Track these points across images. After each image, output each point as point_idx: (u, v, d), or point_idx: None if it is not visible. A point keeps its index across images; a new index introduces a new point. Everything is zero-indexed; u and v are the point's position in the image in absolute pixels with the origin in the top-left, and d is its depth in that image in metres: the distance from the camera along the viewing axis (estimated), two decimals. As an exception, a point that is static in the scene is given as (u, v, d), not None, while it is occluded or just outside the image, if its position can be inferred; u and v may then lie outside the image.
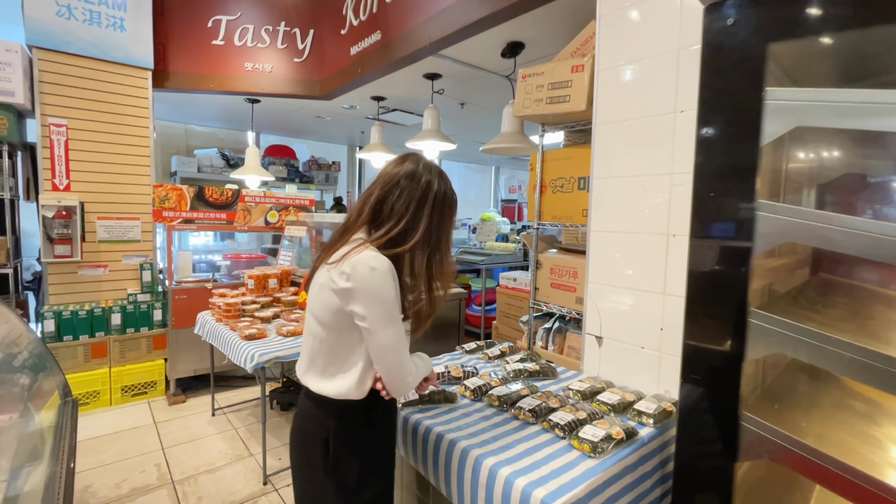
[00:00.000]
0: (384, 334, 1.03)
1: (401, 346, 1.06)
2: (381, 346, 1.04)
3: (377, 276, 1.00)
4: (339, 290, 1.02)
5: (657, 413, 1.33)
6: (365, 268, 1.00)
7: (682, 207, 1.47)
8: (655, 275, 1.55)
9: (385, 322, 1.02)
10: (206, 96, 4.06)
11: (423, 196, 1.09)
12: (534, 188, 2.24)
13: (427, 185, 1.10)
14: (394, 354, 1.05)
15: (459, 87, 3.51)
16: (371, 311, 1.01)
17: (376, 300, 1.01)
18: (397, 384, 1.09)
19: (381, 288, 1.01)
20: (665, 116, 1.51)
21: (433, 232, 1.11)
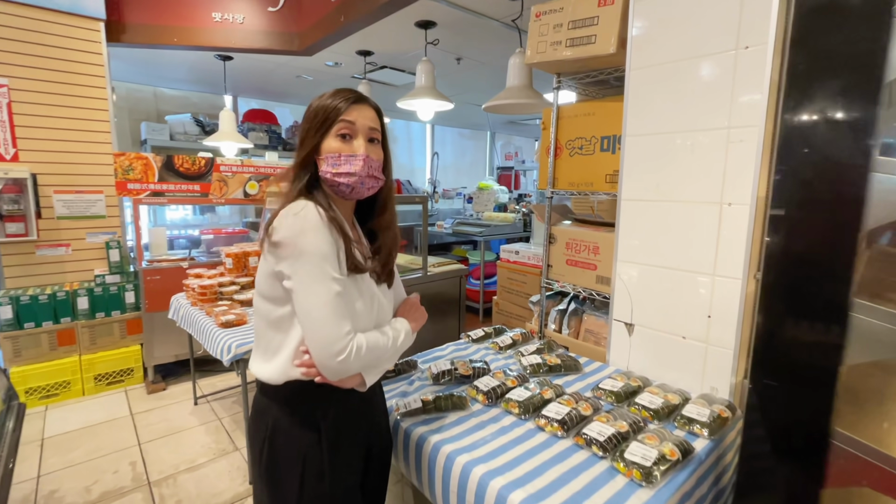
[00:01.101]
0: (307, 293, 0.86)
1: (328, 308, 0.86)
2: (302, 307, 0.87)
3: (299, 223, 0.86)
4: (269, 248, 0.89)
5: (712, 421, 1.10)
6: (288, 216, 0.87)
7: (742, 169, 1.19)
8: (704, 252, 1.29)
9: (309, 277, 0.86)
10: (171, 53, 3.63)
11: (303, 125, 0.97)
12: (547, 150, 1.95)
13: (306, 112, 0.97)
14: (318, 317, 0.86)
15: (456, 37, 3.13)
16: (295, 266, 0.86)
17: (297, 252, 0.86)
18: (324, 359, 0.87)
19: (305, 237, 0.86)
20: (723, 55, 1.21)
21: (300, 147, 0.97)
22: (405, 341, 1.03)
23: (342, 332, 0.87)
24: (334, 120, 0.93)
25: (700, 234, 1.29)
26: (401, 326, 1.03)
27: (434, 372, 1.37)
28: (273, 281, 0.90)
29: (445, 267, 2.88)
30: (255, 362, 0.98)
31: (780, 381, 0.94)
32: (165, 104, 4.97)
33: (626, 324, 1.50)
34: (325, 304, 0.86)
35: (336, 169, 0.93)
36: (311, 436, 0.93)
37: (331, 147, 0.93)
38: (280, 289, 0.89)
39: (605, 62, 1.60)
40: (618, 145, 1.68)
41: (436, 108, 2.92)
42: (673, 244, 1.36)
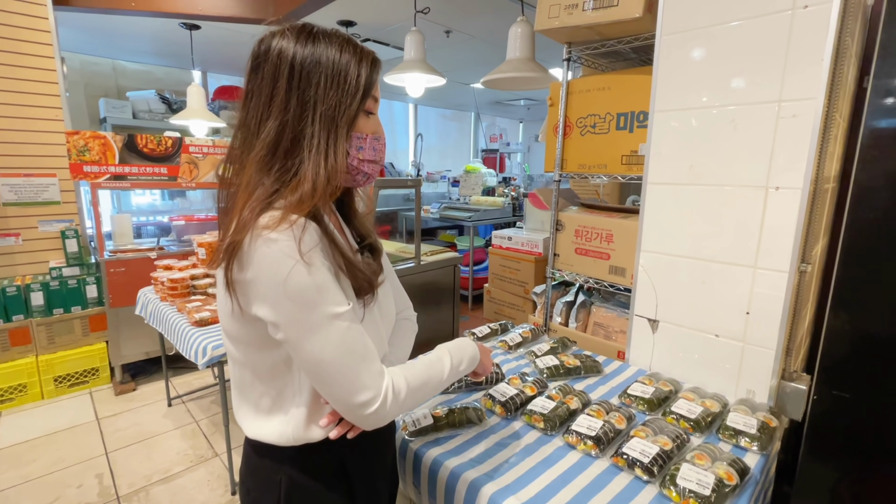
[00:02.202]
0: (310, 346, 0.63)
1: (341, 356, 0.64)
2: (308, 364, 0.65)
3: (280, 254, 0.60)
4: (235, 284, 0.63)
5: (761, 433, 0.98)
6: (263, 244, 0.60)
7: (794, 148, 1.05)
8: (744, 242, 1.15)
9: (306, 326, 0.62)
10: (130, 20, 3.28)
11: (272, 77, 0.65)
12: (555, 129, 1.78)
13: (271, 56, 0.65)
14: (333, 372, 0.64)
15: (448, 6, 2.90)
16: (282, 313, 0.62)
17: (284, 293, 0.61)
18: (353, 417, 0.67)
19: (292, 274, 0.60)
20: (775, 16, 1.05)
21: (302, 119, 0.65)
22: (466, 367, 0.83)
23: (370, 378, 0.65)
24: (368, 93, 0.69)
25: (740, 221, 1.15)
26: (464, 350, 0.83)
27: (442, 379, 1.22)
28: (249, 325, 0.66)
29: (438, 255, 2.71)
30: (247, 419, 0.74)
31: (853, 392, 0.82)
32: (126, 79, 4.56)
33: (649, 320, 1.37)
34: (338, 353, 0.63)
35: (362, 155, 0.72)
36: (341, 486, 0.76)
37: (360, 127, 0.71)
38: (261, 332, 0.66)
39: (628, 29, 1.43)
40: (636, 123, 1.53)
41: (427, 84, 2.70)
42: (707, 233, 1.22)
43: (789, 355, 1.15)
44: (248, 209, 0.62)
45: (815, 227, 1.10)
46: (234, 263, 0.61)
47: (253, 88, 0.67)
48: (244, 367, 0.72)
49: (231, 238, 0.61)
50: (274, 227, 0.60)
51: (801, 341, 1.27)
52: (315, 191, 0.63)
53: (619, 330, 1.72)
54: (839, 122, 1.16)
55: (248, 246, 0.60)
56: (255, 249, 0.60)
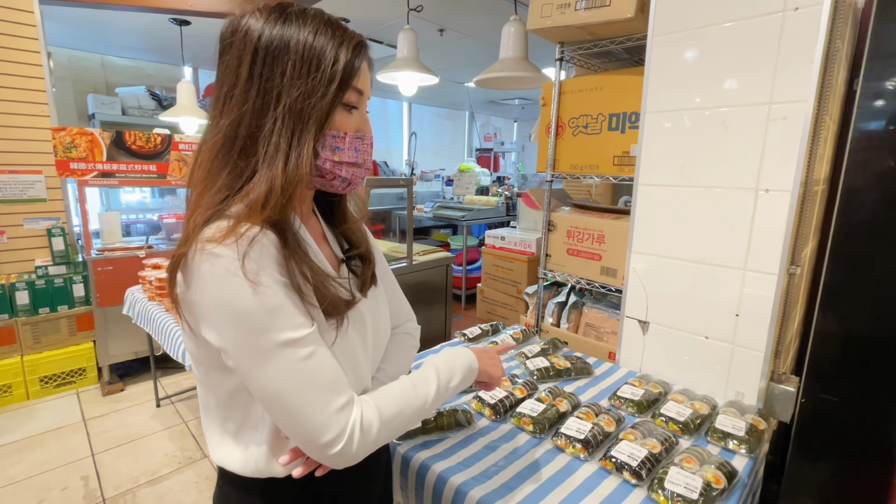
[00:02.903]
0: (260, 376, 0.54)
1: (298, 388, 0.55)
2: (262, 395, 0.56)
3: (219, 270, 0.52)
4: (180, 302, 0.56)
5: (749, 435, 0.98)
6: (204, 260, 0.52)
7: (783, 151, 1.05)
8: (733, 244, 1.15)
9: (255, 353, 0.54)
10: (119, 15, 3.23)
11: (236, 64, 0.57)
12: (547, 129, 1.77)
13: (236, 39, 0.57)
14: (290, 405, 0.55)
15: (441, 4, 2.88)
16: (228, 337, 0.54)
17: (228, 316, 0.53)
18: (316, 455, 0.57)
19: (232, 292, 0.52)
20: (766, 18, 1.05)
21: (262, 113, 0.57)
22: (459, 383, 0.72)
23: (332, 414, 0.55)
24: (348, 83, 0.59)
25: (730, 223, 1.15)
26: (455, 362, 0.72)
27: (431, 381, 1.21)
28: (203, 346, 0.58)
29: (431, 255, 2.70)
30: (212, 443, 0.67)
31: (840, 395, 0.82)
32: (116, 75, 4.50)
33: (640, 321, 1.36)
34: (292, 386, 0.54)
35: (338, 156, 0.61)
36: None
37: (337, 123, 0.61)
38: (216, 354, 0.58)
39: (620, 29, 1.42)
40: (628, 124, 1.53)
41: (420, 83, 2.69)
42: (697, 234, 1.22)
43: (778, 357, 1.15)
44: (196, 216, 0.55)
45: (804, 229, 1.10)
46: (179, 280, 0.54)
47: (217, 77, 0.59)
48: (207, 388, 0.65)
49: (176, 251, 0.54)
50: (219, 239, 0.52)
51: (790, 343, 1.28)
52: (268, 199, 0.55)
53: (610, 331, 1.72)
54: (829, 125, 1.16)
55: (191, 261, 0.53)
56: (198, 266, 0.52)
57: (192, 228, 0.54)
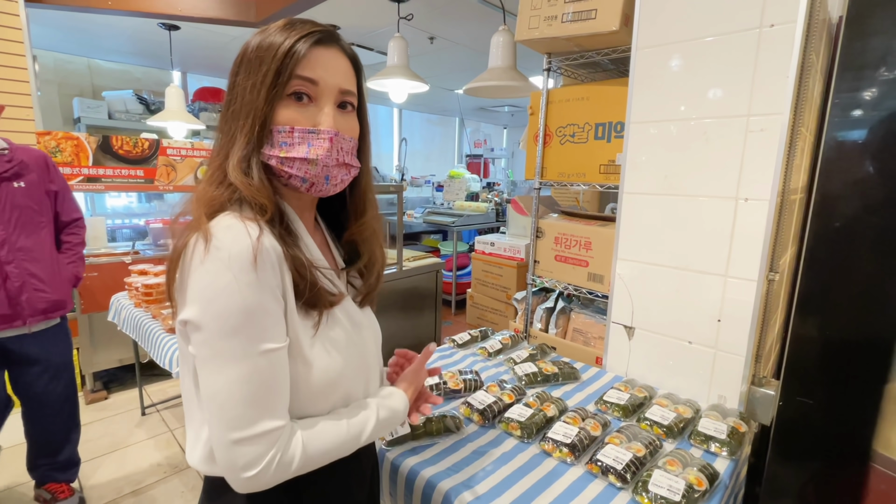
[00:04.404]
0: (212, 369, 0.55)
1: (239, 393, 0.54)
2: (209, 391, 0.56)
3: (219, 262, 0.53)
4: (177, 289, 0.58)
5: (730, 438, 1.01)
6: (196, 251, 0.54)
7: (762, 161, 1.09)
8: (715, 251, 1.18)
9: (219, 349, 0.54)
10: (106, 19, 3.21)
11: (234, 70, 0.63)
12: (535, 138, 1.80)
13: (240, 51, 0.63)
14: (228, 409, 0.55)
15: (430, 14, 2.91)
16: (201, 328, 0.54)
17: (205, 309, 0.53)
18: (225, 468, 0.56)
19: (220, 288, 0.53)
20: (744, 34, 1.09)
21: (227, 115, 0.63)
22: (390, 422, 0.71)
23: (255, 432, 0.54)
24: (289, 72, 0.59)
25: (712, 231, 1.19)
26: (390, 404, 0.72)
27: (420, 387, 1.21)
28: (183, 336, 0.60)
29: (421, 261, 2.71)
30: (188, 443, 0.65)
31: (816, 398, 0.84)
32: (102, 78, 4.46)
33: (625, 327, 1.39)
34: (243, 394, 0.54)
35: (286, 152, 0.60)
36: None
37: (280, 117, 0.60)
38: None
39: (605, 41, 1.46)
40: (614, 133, 1.56)
41: (410, 90, 2.71)
42: (680, 242, 1.25)
43: (759, 361, 1.18)
44: (197, 209, 0.58)
45: (782, 237, 1.14)
46: (182, 264, 0.55)
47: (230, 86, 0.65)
48: (192, 389, 0.63)
49: (179, 241, 0.57)
50: (223, 234, 0.54)
51: (770, 347, 1.31)
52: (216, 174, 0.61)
53: (597, 336, 1.75)
54: (805, 136, 1.20)
55: (194, 248, 0.54)
56: (200, 254, 0.53)
57: (197, 219, 0.57)
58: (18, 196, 1.60)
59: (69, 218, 1.82)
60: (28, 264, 1.62)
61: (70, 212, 1.82)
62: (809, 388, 0.83)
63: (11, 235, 1.57)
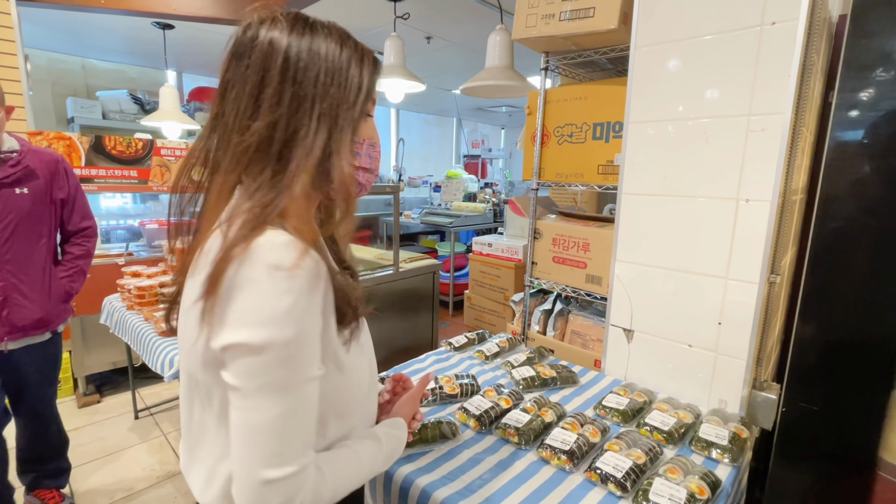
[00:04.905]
0: (258, 400, 0.51)
1: (285, 425, 0.51)
2: (246, 422, 0.51)
3: (282, 287, 0.50)
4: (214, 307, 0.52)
5: (732, 444, 0.99)
6: (260, 266, 0.50)
7: (763, 162, 1.07)
8: (715, 253, 1.17)
9: (270, 379, 0.51)
10: (100, 18, 3.17)
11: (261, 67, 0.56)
12: (532, 138, 1.78)
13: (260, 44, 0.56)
14: (258, 447, 0.51)
15: (427, 13, 2.89)
16: (260, 347, 0.50)
17: (268, 332, 0.49)
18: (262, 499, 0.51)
19: (286, 315, 0.50)
20: (744, 32, 1.07)
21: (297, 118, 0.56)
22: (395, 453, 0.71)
23: (288, 472, 0.51)
24: (371, 94, 0.62)
25: (712, 233, 1.17)
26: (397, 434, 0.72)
27: (416, 392, 1.19)
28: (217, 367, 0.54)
29: (418, 262, 2.68)
30: (207, 487, 0.60)
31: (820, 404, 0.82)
32: (97, 78, 4.42)
33: (624, 330, 1.37)
34: (280, 423, 0.51)
35: (357, 162, 0.64)
36: None
37: (359, 131, 0.63)
38: None
39: (603, 40, 1.44)
40: (612, 133, 1.54)
41: (407, 90, 2.69)
42: (680, 244, 1.23)
43: (760, 365, 1.16)
44: (237, 222, 0.52)
45: (783, 238, 1.12)
46: (220, 286, 0.50)
47: (234, 78, 0.57)
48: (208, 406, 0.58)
49: (221, 255, 0.51)
50: (280, 254, 0.51)
51: (771, 350, 1.29)
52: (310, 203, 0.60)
53: (595, 338, 1.73)
54: (806, 136, 1.18)
55: (246, 267, 0.50)
56: (253, 274, 0.50)
57: (241, 236, 0.51)
58: (18, 203, 1.50)
59: (75, 227, 1.71)
60: (15, 278, 1.52)
61: (78, 221, 1.71)
62: (813, 393, 0.81)
63: (3, 246, 1.48)
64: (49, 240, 1.63)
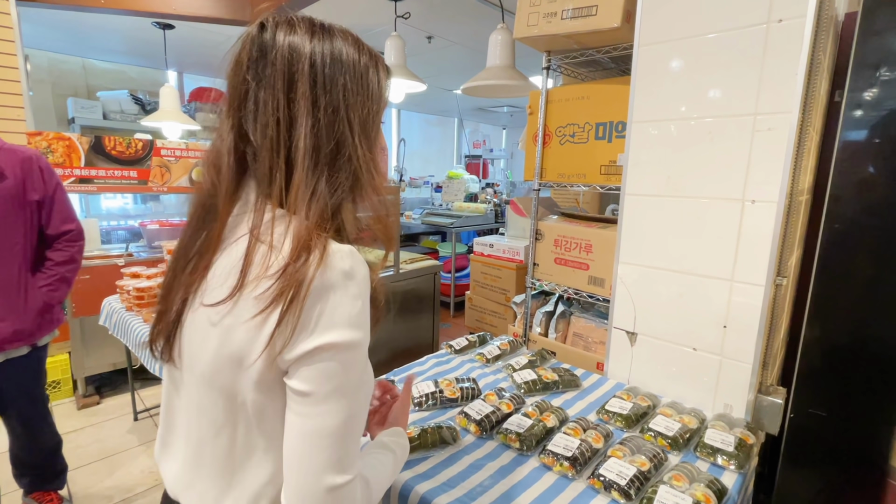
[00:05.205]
0: (332, 404, 0.51)
1: (346, 440, 0.52)
2: (315, 429, 0.51)
3: (355, 292, 0.52)
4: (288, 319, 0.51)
5: (738, 450, 0.97)
6: (343, 278, 0.52)
7: (769, 162, 1.05)
8: (720, 255, 1.14)
9: (345, 381, 0.52)
10: (100, 18, 3.16)
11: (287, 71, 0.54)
12: (534, 138, 1.76)
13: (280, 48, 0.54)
14: (325, 453, 0.51)
15: (428, 13, 2.87)
16: (343, 363, 0.51)
17: (352, 339, 0.51)
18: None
19: (362, 317, 0.53)
20: (750, 30, 1.05)
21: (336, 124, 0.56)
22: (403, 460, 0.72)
23: (351, 476, 0.52)
24: (387, 100, 0.64)
25: (717, 234, 1.15)
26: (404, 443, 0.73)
27: (415, 396, 1.17)
28: (275, 384, 0.53)
29: (418, 263, 2.67)
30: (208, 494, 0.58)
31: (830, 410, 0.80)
32: (97, 78, 4.41)
33: (628, 332, 1.35)
34: (349, 426, 0.52)
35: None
36: None
37: None
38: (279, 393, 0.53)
39: (606, 38, 1.42)
40: (615, 133, 1.52)
41: (407, 90, 2.67)
42: (684, 245, 1.21)
43: (766, 369, 1.14)
44: (311, 231, 0.52)
45: (789, 239, 1.10)
46: (303, 294, 0.49)
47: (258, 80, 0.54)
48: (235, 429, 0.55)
49: (297, 269, 0.50)
50: (349, 259, 0.53)
51: (776, 354, 1.27)
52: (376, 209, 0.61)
53: (598, 341, 1.71)
54: (812, 135, 1.16)
55: (322, 275, 0.50)
56: (330, 280, 0.51)
57: (314, 244, 0.51)
58: None
59: (56, 231, 1.55)
60: None
61: (58, 224, 1.55)
62: (822, 398, 0.79)
63: None
64: (25, 246, 1.48)
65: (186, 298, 0.57)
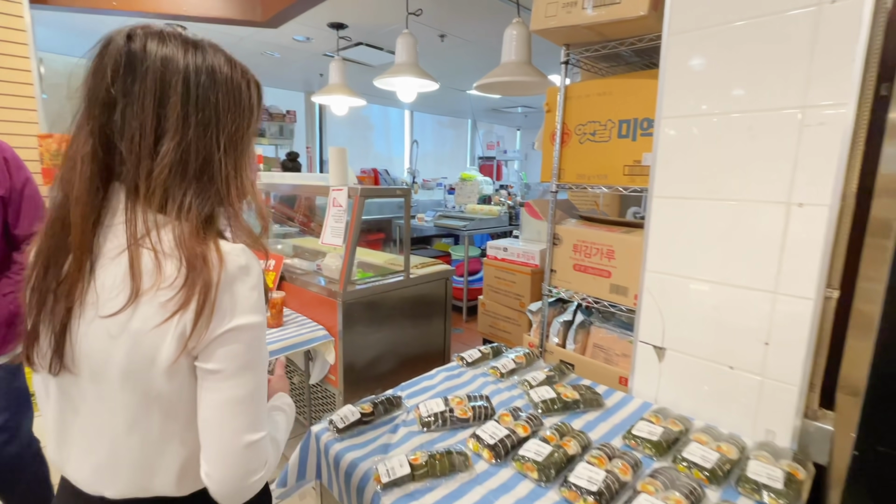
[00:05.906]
0: (246, 375, 0.60)
1: (259, 403, 0.62)
2: (232, 395, 0.59)
3: (251, 281, 0.61)
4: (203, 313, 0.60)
5: (787, 488, 0.85)
6: (240, 272, 0.59)
7: (820, 160, 0.93)
8: (762, 264, 1.03)
9: (255, 355, 0.61)
10: (113, 20, 3.16)
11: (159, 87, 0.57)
12: (551, 137, 1.66)
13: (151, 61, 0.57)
14: (242, 416, 0.59)
15: (440, 10, 2.79)
16: (250, 339, 0.60)
17: (254, 324, 0.60)
18: (239, 477, 0.59)
19: (258, 300, 0.62)
20: (799, 13, 0.94)
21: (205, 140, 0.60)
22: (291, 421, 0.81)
23: (264, 433, 0.62)
24: (259, 116, 0.69)
25: (758, 241, 1.03)
26: (289, 401, 0.83)
27: (423, 415, 1.08)
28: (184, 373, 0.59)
29: (430, 268, 2.58)
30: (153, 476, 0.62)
31: (902, 449, 0.69)
32: (113, 82, 4.44)
33: (655, 347, 1.24)
34: (260, 392, 0.62)
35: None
36: None
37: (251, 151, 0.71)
38: (188, 380, 0.59)
39: (631, 28, 1.31)
40: (640, 131, 1.41)
41: (419, 88, 2.59)
42: (720, 253, 1.10)
43: (814, 391, 1.02)
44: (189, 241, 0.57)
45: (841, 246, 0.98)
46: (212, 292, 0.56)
47: (124, 94, 0.57)
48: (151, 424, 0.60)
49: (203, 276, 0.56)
50: (240, 255, 0.60)
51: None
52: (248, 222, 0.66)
53: (620, 353, 1.59)
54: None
55: (223, 272, 0.57)
56: (240, 278, 0.59)
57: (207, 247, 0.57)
58: None
59: (25, 232, 1.32)
60: None
61: (27, 224, 1.32)
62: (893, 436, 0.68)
63: None
64: None
65: (71, 309, 0.57)
